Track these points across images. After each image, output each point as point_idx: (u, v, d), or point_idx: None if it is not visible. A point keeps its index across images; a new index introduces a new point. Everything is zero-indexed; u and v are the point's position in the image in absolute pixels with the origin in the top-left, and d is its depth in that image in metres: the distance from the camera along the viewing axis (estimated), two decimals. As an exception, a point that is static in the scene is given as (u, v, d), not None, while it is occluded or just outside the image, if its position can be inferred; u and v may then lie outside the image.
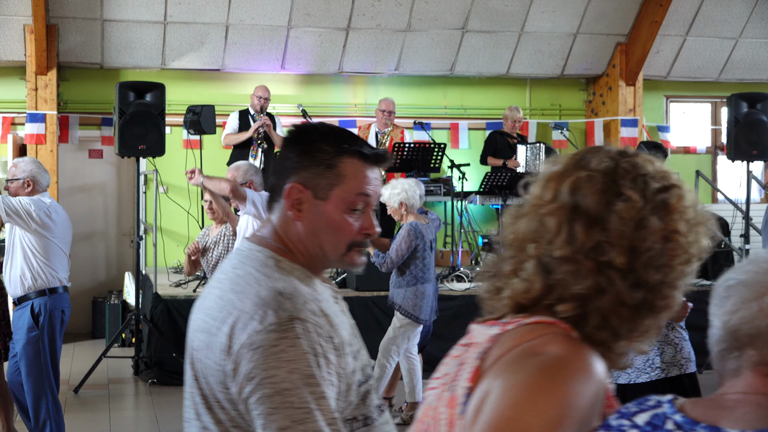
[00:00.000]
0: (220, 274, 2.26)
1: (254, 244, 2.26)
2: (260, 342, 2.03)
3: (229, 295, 2.15)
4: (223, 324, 2.11)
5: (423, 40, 13.09)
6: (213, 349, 2.12)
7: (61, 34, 12.21)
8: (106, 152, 13.02)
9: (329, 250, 2.26)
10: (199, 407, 2.20)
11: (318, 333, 2.09)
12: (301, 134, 2.27)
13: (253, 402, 2.04)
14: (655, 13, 13.06)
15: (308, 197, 2.22)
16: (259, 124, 11.14)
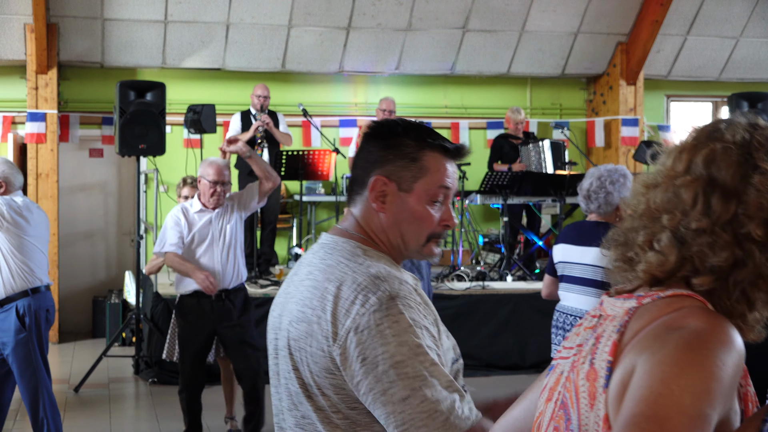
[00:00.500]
0: (307, 267, 2.33)
1: (338, 236, 2.34)
2: (366, 324, 2.12)
3: (325, 284, 2.22)
4: (324, 312, 2.18)
5: (423, 39, 13.09)
6: (315, 336, 2.19)
7: (61, 33, 12.21)
8: (106, 151, 13.02)
9: (410, 240, 2.34)
10: (298, 397, 2.26)
11: (417, 309, 2.20)
12: (384, 129, 2.35)
13: (368, 382, 2.11)
14: (656, 12, 13.06)
15: (392, 189, 2.30)
16: (258, 124, 11.13)
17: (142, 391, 9.56)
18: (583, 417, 1.74)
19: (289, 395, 2.30)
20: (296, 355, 2.25)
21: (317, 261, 2.31)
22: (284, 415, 2.33)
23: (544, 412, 1.86)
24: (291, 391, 2.28)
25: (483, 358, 10.25)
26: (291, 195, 13.18)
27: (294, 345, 2.26)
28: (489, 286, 10.56)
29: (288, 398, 2.30)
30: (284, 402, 2.33)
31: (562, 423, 1.79)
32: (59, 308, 12.14)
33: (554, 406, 1.83)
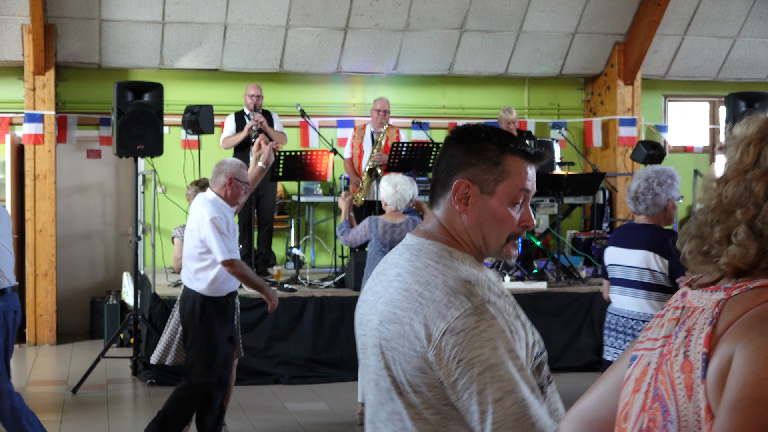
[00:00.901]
0: (394, 268, 2.42)
1: (423, 238, 2.43)
2: (461, 326, 2.21)
3: (416, 287, 2.31)
4: (416, 314, 2.27)
5: (421, 39, 13.09)
6: (408, 337, 2.28)
7: (59, 34, 12.20)
8: (104, 152, 13.01)
9: (491, 241, 2.44)
10: (389, 393, 2.35)
11: (507, 312, 2.28)
12: (468, 133, 2.46)
13: (463, 382, 2.20)
14: (653, 12, 13.06)
15: (475, 192, 2.40)
16: (251, 124, 11.12)
17: (140, 392, 9.55)
18: (681, 408, 1.78)
19: (379, 391, 2.39)
20: (388, 354, 2.34)
21: (404, 263, 2.40)
22: (375, 408, 2.43)
23: (632, 403, 1.90)
24: (382, 387, 2.38)
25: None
26: (289, 195, 13.18)
27: (385, 344, 2.35)
28: (487, 287, 10.54)
29: (379, 393, 2.40)
30: (374, 396, 2.43)
31: (659, 415, 1.82)
32: (57, 309, 12.14)
33: (645, 397, 1.87)
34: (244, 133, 11.15)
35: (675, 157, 14.23)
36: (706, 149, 14.80)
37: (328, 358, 9.94)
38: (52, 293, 12.05)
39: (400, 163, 10.86)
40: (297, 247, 11.68)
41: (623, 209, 13.70)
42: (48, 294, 12.01)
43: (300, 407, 8.71)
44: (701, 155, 14.71)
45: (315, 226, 13.09)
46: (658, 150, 12.17)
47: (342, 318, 9.84)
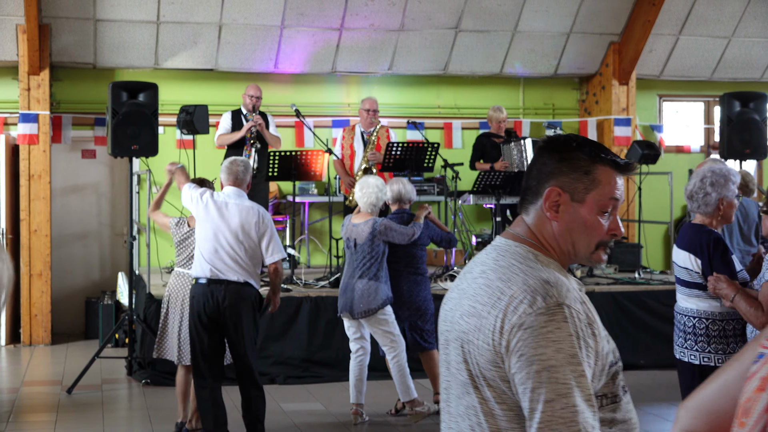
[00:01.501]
0: (480, 266, 2.50)
1: (511, 240, 2.52)
2: (530, 323, 2.27)
3: (497, 283, 2.39)
4: (493, 308, 2.35)
5: (416, 39, 13.09)
6: (483, 330, 2.36)
7: (53, 33, 12.19)
8: (99, 152, 13.00)
9: (581, 248, 2.52)
10: (466, 387, 2.43)
11: (580, 318, 2.31)
12: (559, 143, 2.52)
13: (521, 376, 2.27)
14: (648, 12, 13.07)
15: (566, 200, 2.48)
16: (251, 125, 11.11)
17: (135, 392, 9.54)
18: None
19: (458, 384, 2.46)
20: (465, 348, 2.42)
21: (490, 261, 2.49)
22: (453, 402, 2.50)
23: (755, 401, 1.89)
24: (460, 381, 2.45)
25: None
26: (284, 195, 13.17)
27: (464, 338, 2.43)
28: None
29: (457, 387, 2.47)
30: (453, 390, 2.49)
31: None
32: (52, 309, 12.12)
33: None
34: (242, 133, 11.13)
35: (670, 157, 14.24)
36: (702, 149, 14.81)
37: (323, 358, 9.93)
38: (47, 293, 12.04)
39: (395, 163, 10.85)
40: (292, 246, 11.68)
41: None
42: (43, 294, 11.99)
43: (295, 407, 8.71)
44: (696, 155, 14.72)
45: (310, 226, 13.09)
46: (653, 150, 12.17)
47: (337, 318, 9.81)
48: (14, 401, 9.11)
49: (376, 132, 11.37)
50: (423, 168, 11.01)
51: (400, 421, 8.33)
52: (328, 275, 10.73)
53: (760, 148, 11.69)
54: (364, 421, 8.22)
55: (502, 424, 2.35)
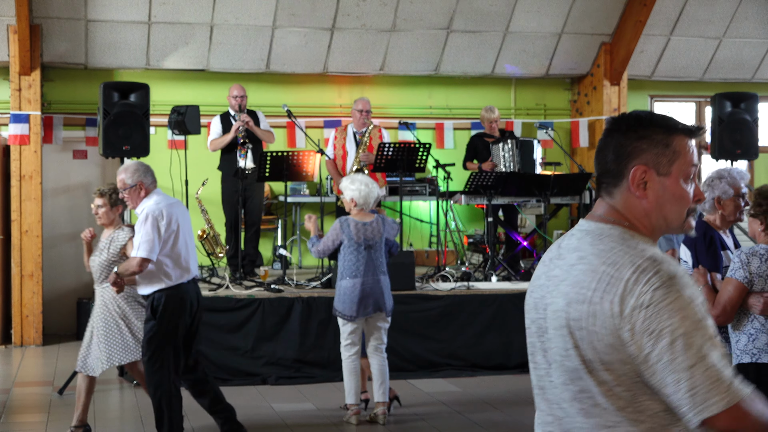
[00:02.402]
0: (574, 252, 2.54)
1: (602, 223, 2.57)
2: (650, 300, 2.34)
3: (603, 268, 2.44)
4: (606, 293, 2.40)
5: (408, 40, 13.10)
6: (599, 316, 2.40)
7: (45, 34, 12.17)
8: (90, 153, 12.98)
9: (673, 219, 2.58)
10: (577, 372, 2.46)
11: (690, 285, 2.40)
12: (632, 121, 2.57)
13: (656, 352, 2.33)
14: (640, 12, 13.09)
15: (652, 176, 2.53)
16: (238, 125, 11.09)
17: (127, 393, 9.53)
18: None
19: (565, 371, 2.50)
20: (577, 334, 2.45)
21: (587, 246, 2.53)
22: (560, 389, 2.53)
23: None
24: (568, 367, 2.48)
25: (468, 358, 10.26)
26: (275, 196, 13.17)
27: (574, 324, 2.46)
28: (474, 287, 10.57)
29: (564, 374, 2.50)
30: (557, 378, 2.53)
31: None
32: (43, 310, 12.10)
33: None
34: (232, 134, 11.12)
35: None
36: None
37: (315, 358, 9.93)
38: (38, 294, 12.01)
39: (386, 163, 10.86)
40: (284, 247, 11.67)
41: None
42: (34, 295, 11.97)
43: (287, 407, 8.70)
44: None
45: (302, 227, 13.08)
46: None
47: (329, 318, 9.82)
48: (5, 402, 9.09)
49: (368, 132, 11.37)
50: (415, 168, 11.02)
51: (405, 416, 8.33)
52: (320, 276, 10.73)
53: (751, 148, 11.73)
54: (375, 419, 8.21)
55: (620, 403, 2.42)
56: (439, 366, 10.18)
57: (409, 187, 12.77)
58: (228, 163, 11.27)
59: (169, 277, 7.01)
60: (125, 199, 7.13)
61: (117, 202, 7.57)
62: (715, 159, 11.82)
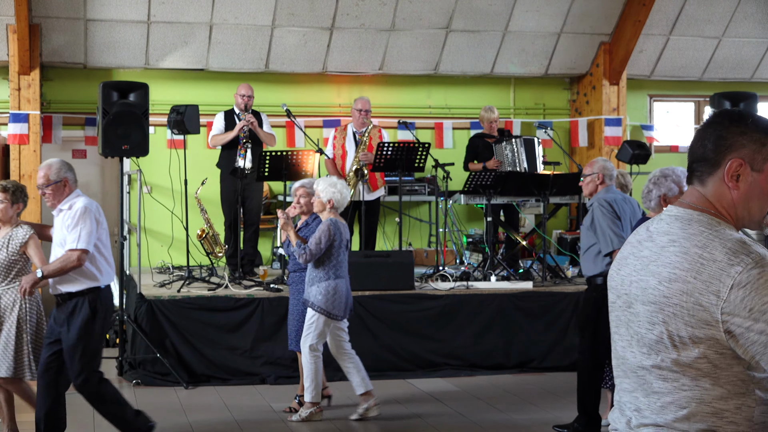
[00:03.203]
0: (665, 236, 2.72)
1: (691, 210, 2.75)
2: (746, 280, 2.51)
3: (695, 250, 2.62)
4: (699, 273, 2.58)
5: (407, 39, 13.10)
6: (693, 294, 2.57)
7: (44, 33, 12.17)
8: (89, 152, 12.98)
9: (755, 213, 2.75)
10: (659, 345, 2.65)
11: None
12: (736, 117, 2.74)
13: (757, 327, 2.50)
14: (639, 12, 13.10)
15: (746, 170, 2.70)
16: (242, 124, 11.09)
17: (126, 393, 9.51)
18: None
19: (645, 343, 2.70)
20: (667, 310, 2.63)
21: (677, 230, 2.70)
22: (639, 359, 2.73)
23: None
24: (651, 340, 2.67)
25: (467, 357, 10.26)
26: (275, 195, 13.17)
27: (665, 302, 2.63)
28: (473, 286, 10.57)
29: (645, 346, 2.70)
30: (636, 348, 2.73)
31: None
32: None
33: None
34: (234, 133, 11.12)
35: (660, 156, 14.27)
36: (691, 149, 14.83)
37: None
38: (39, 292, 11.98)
39: (386, 163, 10.86)
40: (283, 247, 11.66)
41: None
42: (33, 294, 11.95)
43: (286, 407, 8.69)
44: (685, 155, 14.74)
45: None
46: (644, 150, 12.19)
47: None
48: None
49: (368, 132, 11.37)
50: (414, 168, 11.02)
51: (404, 416, 8.33)
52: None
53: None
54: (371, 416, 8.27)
55: (699, 373, 2.59)
56: (438, 365, 10.18)
57: (409, 187, 12.78)
58: (226, 161, 11.27)
59: (101, 275, 6.82)
60: (46, 195, 6.80)
61: (19, 199, 7.36)
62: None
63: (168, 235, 12.50)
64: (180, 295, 9.94)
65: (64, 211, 6.79)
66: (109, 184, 13.12)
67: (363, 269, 10.18)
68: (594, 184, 7.81)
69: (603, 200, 7.59)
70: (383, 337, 10.10)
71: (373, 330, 10.09)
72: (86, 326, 6.79)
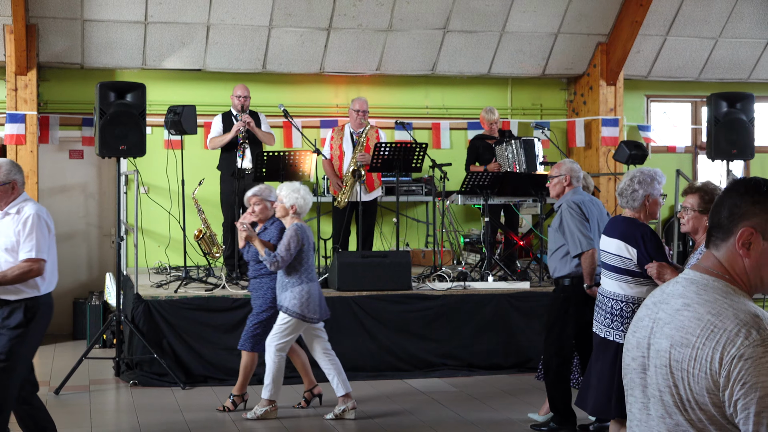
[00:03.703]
0: (680, 299, 2.76)
1: (707, 275, 2.77)
2: (749, 354, 2.52)
3: (708, 317, 2.64)
4: (708, 340, 2.60)
5: (404, 40, 13.10)
6: (699, 360, 2.61)
7: (41, 34, 12.16)
8: (86, 153, 12.98)
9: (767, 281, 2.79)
10: (672, 408, 2.69)
11: None
12: (752, 187, 2.77)
13: (744, 402, 2.52)
14: (636, 12, 13.10)
15: (757, 239, 2.73)
16: (239, 125, 11.09)
17: (123, 393, 9.52)
18: None
19: (662, 406, 2.73)
20: (677, 374, 2.67)
21: (692, 295, 2.73)
22: (656, 421, 2.76)
23: None
24: (665, 402, 2.72)
25: (464, 357, 10.27)
26: (272, 196, 13.15)
27: (676, 365, 2.68)
28: (470, 287, 10.58)
29: (661, 408, 2.74)
30: (655, 411, 2.76)
31: None
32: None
33: None
34: (232, 134, 11.11)
35: (657, 157, 14.28)
36: (688, 149, 14.85)
37: (310, 357, 9.92)
38: (35, 294, 11.99)
39: (383, 164, 10.86)
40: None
41: (606, 209, 13.72)
42: (30, 295, 11.94)
43: (282, 407, 8.70)
44: (683, 155, 14.77)
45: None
46: (641, 150, 12.20)
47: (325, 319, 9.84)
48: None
49: (365, 133, 11.36)
50: (411, 168, 11.02)
51: (401, 415, 8.33)
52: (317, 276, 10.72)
53: (746, 148, 11.73)
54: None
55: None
56: (436, 365, 10.19)
57: (406, 187, 12.78)
58: (227, 163, 11.27)
59: (43, 282, 6.51)
60: None
61: None
62: (711, 159, 11.82)
63: (165, 235, 12.50)
64: (177, 296, 9.95)
65: (12, 215, 6.48)
66: (106, 184, 13.11)
67: (360, 270, 10.19)
68: (561, 186, 7.88)
69: (571, 202, 7.69)
70: (380, 337, 10.10)
71: (371, 330, 10.09)
72: (16, 336, 6.51)
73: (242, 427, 8.12)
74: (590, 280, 7.51)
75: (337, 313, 9.87)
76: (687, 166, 14.59)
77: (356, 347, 9.97)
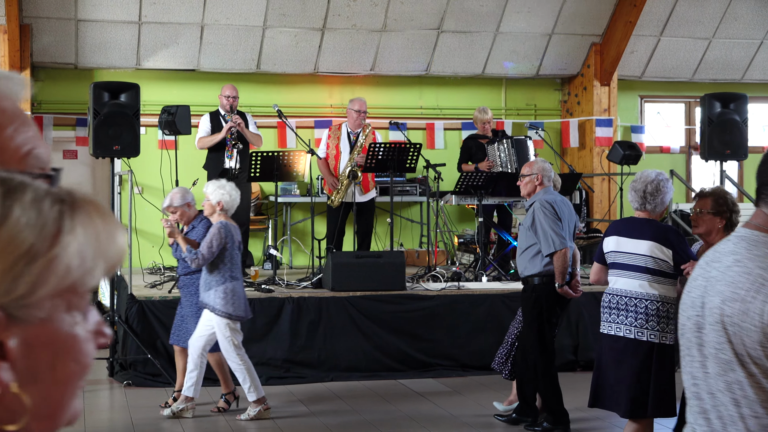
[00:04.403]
0: (731, 255, 2.77)
1: (758, 231, 2.78)
2: None
3: (757, 271, 2.66)
4: (758, 293, 2.62)
5: (398, 40, 13.11)
6: (750, 314, 2.62)
7: (34, 34, 12.15)
8: (80, 153, 12.96)
9: None
10: (730, 364, 2.70)
11: None
12: None
13: None
14: (630, 13, 13.12)
15: None
16: (230, 125, 11.06)
17: (117, 393, 9.51)
18: None
19: (719, 363, 2.74)
20: (730, 330, 2.68)
21: (743, 251, 2.75)
22: (714, 379, 2.78)
23: None
24: (722, 360, 2.72)
25: (458, 358, 10.27)
26: (266, 196, 13.16)
27: (728, 321, 2.69)
28: (464, 287, 10.58)
29: (718, 366, 2.74)
30: (712, 369, 2.78)
31: None
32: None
33: None
34: (222, 134, 11.09)
35: (651, 157, 14.30)
36: (682, 149, 14.88)
37: (305, 358, 9.92)
38: (28, 294, 11.97)
39: (377, 164, 10.85)
40: (274, 247, 11.67)
41: (599, 209, 13.76)
42: (24, 295, 11.93)
43: (277, 408, 8.69)
44: (677, 156, 14.80)
45: (292, 227, 13.09)
46: (635, 150, 12.22)
47: (319, 318, 9.83)
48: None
49: (364, 135, 11.34)
50: (405, 168, 11.01)
51: (397, 415, 8.34)
52: (311, 276, 10.73)
53: (740, 149, 11.75)
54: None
55: (765, 395, 2.65)
56: (430, 366, 10.19)
57: (400, 188, 12.78)
58: (213, 163, 11.23)
59: None
60: None
61: None
62: (705, 160, 11.84)
63: (159, 235, 12.48)
64: (171, 296, 9.93)
65: None
66: (100, 184, 13.09)
67: (354, 270, 10.18)
68: (533, 185, 7.89)
69: (544, 201, 7.70)
70: (374, 337, 10.10)
71: (365, 330, 10.09)
72: None
73: (236, 427, 8.12)
74: (562, 279, 7.56)
75: (332, 313, 9.87)
76: (681, 167, 14.61)
77: (350, 347, 9.96)
